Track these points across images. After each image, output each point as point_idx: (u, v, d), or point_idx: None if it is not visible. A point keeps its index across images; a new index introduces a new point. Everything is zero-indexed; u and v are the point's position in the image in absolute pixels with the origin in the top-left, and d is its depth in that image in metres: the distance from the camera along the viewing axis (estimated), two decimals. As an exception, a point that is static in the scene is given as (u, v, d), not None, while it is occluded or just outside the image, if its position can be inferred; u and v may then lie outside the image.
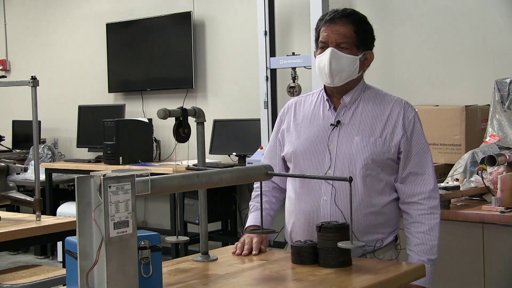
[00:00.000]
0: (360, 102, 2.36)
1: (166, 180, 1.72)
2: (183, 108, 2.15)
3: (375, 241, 2.27)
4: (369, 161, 2.27)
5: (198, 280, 1.94)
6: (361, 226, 2.27)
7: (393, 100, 2.37)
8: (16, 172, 3.49)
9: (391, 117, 2.32)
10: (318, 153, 2.33)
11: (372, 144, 2.29)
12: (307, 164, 2.35)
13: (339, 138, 2.32)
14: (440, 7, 4.51)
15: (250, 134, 5.24)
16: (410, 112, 2.34)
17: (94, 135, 6.15)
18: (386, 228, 2.33)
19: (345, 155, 2.29)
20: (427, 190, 2.31)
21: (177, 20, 5.87)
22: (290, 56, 4.89)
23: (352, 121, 2.33)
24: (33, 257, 6.31)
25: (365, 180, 2.28)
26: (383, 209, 2.31)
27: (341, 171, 2.28)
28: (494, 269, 3.11)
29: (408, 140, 2.31)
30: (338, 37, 2.29)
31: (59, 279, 3.16)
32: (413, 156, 2.31)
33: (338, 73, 2.29)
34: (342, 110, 2.36)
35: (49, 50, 7.03)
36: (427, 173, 2.32)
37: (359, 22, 2.32)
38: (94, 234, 1.54)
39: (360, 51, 2.32)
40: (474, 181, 3.35)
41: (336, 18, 2.30)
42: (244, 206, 5.53)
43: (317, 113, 2.40)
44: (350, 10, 2.35)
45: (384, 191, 2.32)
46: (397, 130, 2.31)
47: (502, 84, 3.62)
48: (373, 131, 2.31)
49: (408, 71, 4.63)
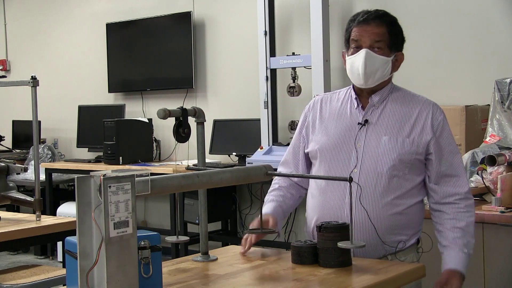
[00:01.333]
0: (388, 102, 2.35)
1: (166, 180, 1.72)
2: (183, 108, 2.15)
3: (398, 243, 2.26)
4: (397, 162, 2.27)
5: (198, 280, 1.94)
6: (384, 226, 2.26)
7: (422, 101, 2.37)
8: (16, 172, 3.49)
9: (419, 118, 2.32)
10: (345, 152, 2.32)
11: (400, 144, 2.28)
12: (333, 162, 2.33)
13: (367, 137, 2.31)
14: (440, 7, 4.51)
15: (250, 134, 5.24)
16: (439, 114, 2.34)
17: (94, 135, 6.15)
18: (410, 230, 2.31)
19: (372, 155, 2.28)
20: (463, 191, 2.31)
21: (177, 20, 5.87)
22: (290, 56, 4.89)
23: (380, 121, 2.33)
24: (33, 257, 6.30)
25: (392, 181, 2.27)
26: (408, 210, 2.30)
27: (368, 171, 2.27)
28: (494, 269, 3.11)
29: (438, 142, 2.30)
30: (372, 37, 2.29)
31: (59, 279, 3.16)
32: (445, 157, 2.30)
33: (372, 75, 2.29)
34: (370, 109, 2.35)
35: (49, 50, 7.03)
36: (461, 175, 2.33)
37: (392, 24, 2.33)
38: (94, 234, 1.54)
39: (392, 52, 2.32)
40: (474, 181, 3.35)
41: (370, 19, 2.30)
42: (244, 206, 5.53)
43: (344, 111, 2.39)
44: (383, 12, 2.36)
45: (411, 192, 2.31)
46: (425, 131, 2.30)
47: (502, 84, 3.62)
48: (401, 131, 2.30)
49: (408, 71, 4.61)
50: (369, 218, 2.21)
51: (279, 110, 5.06)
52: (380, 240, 2.22)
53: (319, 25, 4.57)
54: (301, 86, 4.82)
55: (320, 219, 2.32)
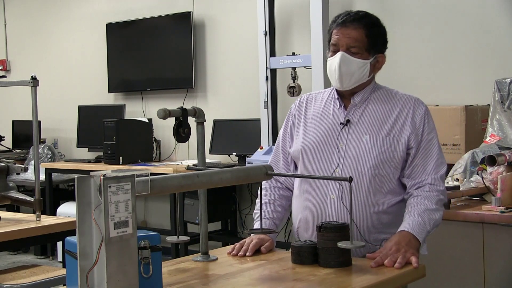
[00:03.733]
0: (370, 102, 2.36)
1: (166, 180, 1.72)
2: (183, 108, 2.15)
3: (381, 241, 2.26)
4: (378, 161, 2.28)
5: (198, 280, 1.94)
6: (367, 225, 2.27)
7: (404, 98, 2.37)
8: (16, 172, 3.49)
9: (400, 116, 2.32)
10: (327, 152, 2.33)
11: (381, 143, 2.29)
12: (315, 162, 2.35)
13: (348, 137, 2.32)
14: (440, 7, 4.51)
15: (250, 134, 5.24)
16: (420, 109, 2.34)
17: (94, 135, 6.15)
18: (393, 228, 2.31)
19: (354, 154, 2.30)
20: (430, 177, 2.28)
21: (177, 20, 5.87)
22: (290, 56, 4.89)
23: (362, 120, 2.34)
24: (33, 257, 6.30)
25: (374, 180, 2.28)
26: (390, 209, 2.31)
27: (349, 170, 2.28)
28: (494, 269, 3.11)
29: (418, 136, 2.30)
30: (348, 41, 2.29)
31: (59, 279, 3.16)
32: (422, 149, 2.30)
33: (347, 77, 2.30)
34: (352, 109, 2.36)
35: (49, 50, 7.03)
36: (430, 163, 2.29)
37: (371, 26, 2.32)
38: (94, 234, 1.54)
39: (371, 54, 2.32)
40: (474, 181, 3.36)
41: (348, 22, 2.30)
42: (244, 206, 5.53)
43: (327, 111, 2.40)
44: (363, 13, 2.35)
45: (394, 191, 2.32)
46: (405, 128, 2.30)
47: (502, 84, 3.62)
48: (381, 130, 2.31)
49: (408, 71, 4.63)
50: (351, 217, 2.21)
51: (279, 110, 5.06)
52: (363, 239, 2.22)
53: (319, 25, 4.57)
54: (301, 86, 4.82)
55: (303, 219, 2.35)
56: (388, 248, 2.08)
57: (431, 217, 2.22)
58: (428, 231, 2.21)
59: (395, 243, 2.09)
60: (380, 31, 2.37)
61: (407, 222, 2.19)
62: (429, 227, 2.21)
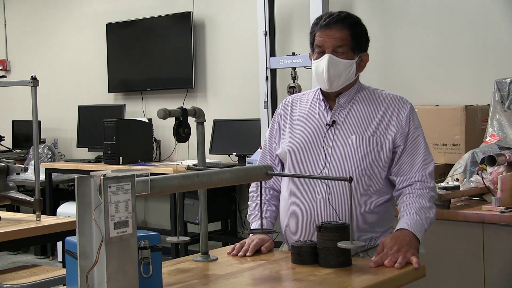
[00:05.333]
0: (355, 102, 2.38)
1: (166, 180, 1.72)
2: (183, 108, 2.15)
3: (369, 240, 2.28)
4: (364, 161, 2.29)
5: (198, 280, 1.94)
6: (355, 225, 2.25)
7: (388, 97, 2.38)
8: (16, 172, 3.49)
9: (385, 116, 2.34)
10: (313, 153, 2.34)
11: (366, 143, 2.30)
12: (302, 163, 2.36)
13: (334, 138, 2.33)
14: (440, 7, 4.51)
15: (250, 134, 5.24)
16: (405, 108, 2.35)
17: (94, 135, 6.15)
18: (380, 227, 2.34)
19: (340, 155, 2.31)
20: (419, 174, 2.28)
21: (177, 20, 5.87)
22: (290, 56, 4.89)
23: (347, 121, 2.35)
24: (33, 257, 6.31)
25: (361, 180, 2.29)
26: (377, 208, 2.32)
27: (336, 171, 2.29)
28: (494, 269, 3.11)
29: (403, 134, 2.31)
30: (334, 42, 2.30)
31: (59, 279, 3.16)
32: (408, 147, 2.31)
33: (336, 79, 2.32)
34: (338, 110, 2.37)
35: (49, 50, 7.04)
36: (418, 160, 2.30)
37: (354, 26, 2.34)
38: (94, 234, 1.54)
39: (356, 54, 2.34)
40: (474, 181, 3.35)
41: (331, 23, 2.31)
42: (244, 206, 5.53)
43: (313, 113, 2.41)
44: (345, 14, 2.36)
45: (381, 190, 2.33)
46: (390, 127, 2.32)
47: (502, 84, 3.62)
48: (367, 130, 2.32)
49: (408, 71, 4.63)
50: (338, 218, 2.21)
51: (279, 110, 5.06)
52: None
53: (319, 25, 4.56)
54: (301, 86, 4.82)
55: (291, 221, 2.36)
56: (389, 248, 2.08)
57: (427, 215, 2.23)
58: (425, 229, 2.22)
59: (396, 243, 2.09)
60: (363, 29, 2.38)
61: (406, 220, 2.19)
62: (426, 226, 2.22)
